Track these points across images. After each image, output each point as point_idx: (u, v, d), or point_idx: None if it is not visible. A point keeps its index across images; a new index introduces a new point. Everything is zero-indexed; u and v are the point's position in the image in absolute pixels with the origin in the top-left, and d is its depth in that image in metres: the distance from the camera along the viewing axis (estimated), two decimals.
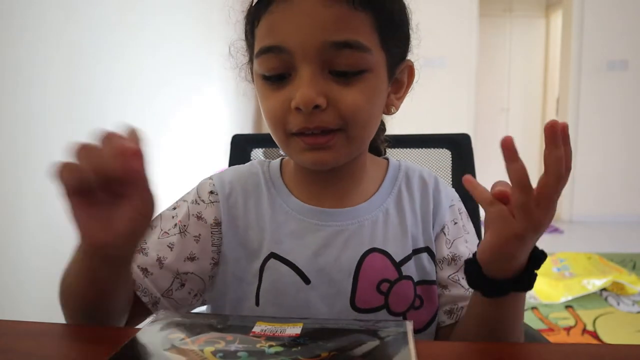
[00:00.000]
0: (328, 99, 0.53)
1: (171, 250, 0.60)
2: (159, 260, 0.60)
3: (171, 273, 0.60)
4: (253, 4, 0.56)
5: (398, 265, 0.61)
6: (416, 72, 0.63)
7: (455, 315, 0.61)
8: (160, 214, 0.64)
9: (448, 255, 0.63)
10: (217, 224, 0.63)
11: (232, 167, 0.69)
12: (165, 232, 0.62)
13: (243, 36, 0.61)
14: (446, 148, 0.92)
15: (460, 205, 0.68)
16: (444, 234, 0.64)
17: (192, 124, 2.83)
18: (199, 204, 0.64)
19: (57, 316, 0.54)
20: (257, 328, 0.46)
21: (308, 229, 0.61)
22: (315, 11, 0.51)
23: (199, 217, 0.63)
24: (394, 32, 0.57)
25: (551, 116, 5.27)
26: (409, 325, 0.46)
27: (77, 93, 1.67)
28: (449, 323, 0.62)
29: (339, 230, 0.61)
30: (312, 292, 0.59)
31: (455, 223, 0.66)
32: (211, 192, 0.64)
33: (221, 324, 0.48)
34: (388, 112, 0.62)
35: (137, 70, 2.11)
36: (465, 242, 0.65)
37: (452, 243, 0.64)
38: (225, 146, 0.96)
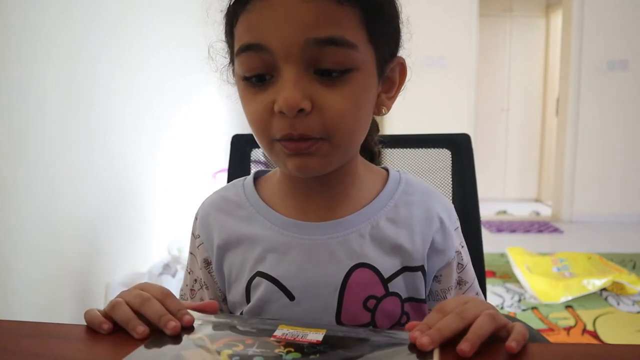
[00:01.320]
0: (313, 102, 0.49)
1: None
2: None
3: None
4: (231, 3, 0.53)
5: (386, 281, 0.58)
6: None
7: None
8: (188, 267, 0.68)
9: (457, 279, 0.64)
10: (208, 263, 0.64)
11: (213, 192, 0.68)
12: (192, 289, 0.66)
13: (223, 37, 0.58)
14: (446, 148, 0.92)
15: (458, 222, 0.66)
16: (457, 260, 0.64)
17: (192, 124, 2.83)
18: (193, 253, 0.66)
19: (57, 316, 0.54)
20: (279, 332, 0.46)
21: (291, 243, 0.59)
22: (296, 7, 0.48)
23: (199, 265, 0.65)
24: (384, 28, 0.54)
25: (551, 116, 5.27)
26: None
27: (76, 93, 1.67)
28: None
29: (323, 244, 0.58)
30: (297, 308, 0.57)
31: (463, 246, 0.65)
32: (198, 236, 0.65)
33: (243, 326, 0.48)
34: (378, 112, 0.58)
35: (137, 70, 2.11)
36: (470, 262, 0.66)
37: (464, 268, 0.65)
38: (225, 146, 0.96)
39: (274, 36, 0.49)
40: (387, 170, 0.66)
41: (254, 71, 0.51)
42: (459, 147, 0.92)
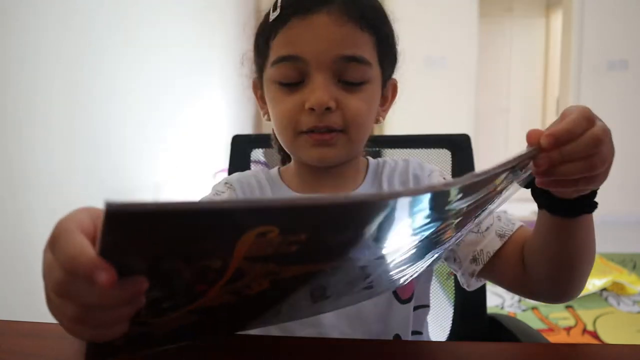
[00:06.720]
0: (337, 102, 0.61)
1: None
2: None
3: None
4: (270, 20, 0.64)
5: None
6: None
7: (480, 260, 0.63)
8: None
9: None
10: None
11: (236, 173, 0.77)
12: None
13: (252, 47, 0.69)
14: (446, 148, 0.92)
15: (432, 167, 0.73)
16: None
17: (192, 125, 2.83)
18: (219, 194, 0.72)
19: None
20: None
21: None
22: (330, 29, 0.60)
23: None
24: (388, 52, 0.68)
25: (551, 116, 5.27)
26: None
27: (79, 94, 1.67)
28: (480, 268, 0.63)
29: None
30: None
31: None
32: (226, 183, 0.73)
33: None
34: (377, 121, 0.71)
35: (138, 71, 2.11)
36: None
37: None
38: (226, 147, 0.96)
39: (310, 49, 0.61)
40: (367, 159, 0.76)
41: (291, 79, 0.63)
42: (459, 147, 0.92)
